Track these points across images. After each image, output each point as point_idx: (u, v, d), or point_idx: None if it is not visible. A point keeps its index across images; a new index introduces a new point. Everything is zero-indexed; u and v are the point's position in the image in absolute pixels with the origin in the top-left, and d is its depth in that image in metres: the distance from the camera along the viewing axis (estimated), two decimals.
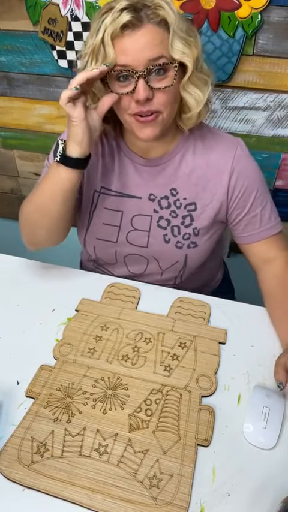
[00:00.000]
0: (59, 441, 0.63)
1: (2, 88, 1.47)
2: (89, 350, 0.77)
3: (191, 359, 0.76)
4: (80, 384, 0.71)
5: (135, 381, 0.72)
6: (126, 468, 0.61)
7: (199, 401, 0.69)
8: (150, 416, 0.67)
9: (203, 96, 0.76)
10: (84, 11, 1.22)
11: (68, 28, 1.26)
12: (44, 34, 1.29)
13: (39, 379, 0.72)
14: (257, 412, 0.67)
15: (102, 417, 0.67)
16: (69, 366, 0.74)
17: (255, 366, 0.75)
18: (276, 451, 0.63)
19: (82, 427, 0.65)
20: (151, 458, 0.62)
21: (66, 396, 0.69)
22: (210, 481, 0.60)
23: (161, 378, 0.73)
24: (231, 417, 0.68)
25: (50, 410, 0.67)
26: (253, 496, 0.58)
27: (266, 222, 0.88)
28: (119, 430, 0.65)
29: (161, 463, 0.61)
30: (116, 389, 0.71)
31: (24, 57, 1.37)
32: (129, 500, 0.57)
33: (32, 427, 0.65)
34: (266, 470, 0.61)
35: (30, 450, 0.62)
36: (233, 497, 0.58)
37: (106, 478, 0.60)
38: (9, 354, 0.77)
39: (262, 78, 1.19)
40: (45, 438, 0.64)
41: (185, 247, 0.90)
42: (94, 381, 0.72)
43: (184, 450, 0.63)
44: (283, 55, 1.14)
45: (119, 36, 0.68)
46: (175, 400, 0.69)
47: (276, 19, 1.09)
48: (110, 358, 0.76)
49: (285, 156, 1.32)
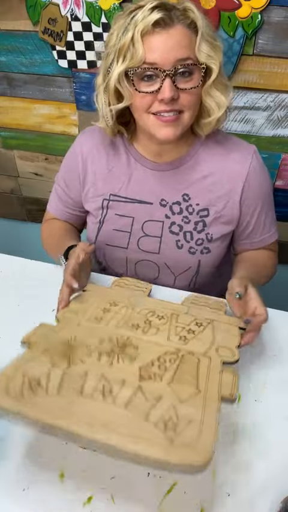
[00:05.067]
0: (55, 379, 0.55)
1: (2, 88, 1.47)
2: (95, 317, 0.71)
3: (209, 335, 0.70)
4: (84, 340, 0.64)
5: (147, 344, 0.65)
6: (136, 411, 0.51)
7: (220, 366, 0.62)
8: (165, 371, 0.59)
9: (226, 100, 0.76)
10: (84, 11, 1.22)
11: (68, 28, 1.26)
12: (44, 34, 1.29)
13: (39, 331, 0.65)
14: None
15: (109, 366, 0.59)
16: (72, 327, 0.68)
17: (255, 366, 0.75)
18: (276, 451, 0.64)
19: (84, 371, 0.57)
20: (166, 403, 0.53)
21: (68, 348, 0.62)
22: (210, 481, 0.60)
23: (176, 344, 0.66)
24: (231, 417, 0.68)
25: (48, 356, 0.60)
26: (253, 496, 0.58)
27: (267, 230, 0.90)
28: (127, 377, 0.57)
29: (178, 410, 0.52)
30: (125, 348, 0.63)
31: (24, 57, 1.37)
32: (140, 437, 0.48)
33: (25, 367, 0.57)
34: (266, 470, 0.61)
35: (20, 385, 0.53)
36: (233, 497, 0.58)
37: (111, 417, 0.50)
38: (9, 353, 0.77)
39: (262, 78, 1.19)
40: (40, 376, 0.55)
41: (198, 253, 0.90)
42: (100, 339, 0.65)
43: (205, 401, 0.54)
44: (283, 55, 1.14)
45: (149, 33, 0.68)
46: (193, 362, 0.62)
47: (276, 19, 1.09)
48: (119, 325, 0.70)
49: (285, 156, 1.32)
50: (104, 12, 1.20)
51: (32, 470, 0.61)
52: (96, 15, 1.21)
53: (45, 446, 0.64)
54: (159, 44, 0.69)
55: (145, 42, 0.69)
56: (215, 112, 0.77)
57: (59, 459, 0.62)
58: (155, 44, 0.69)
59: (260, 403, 0.70)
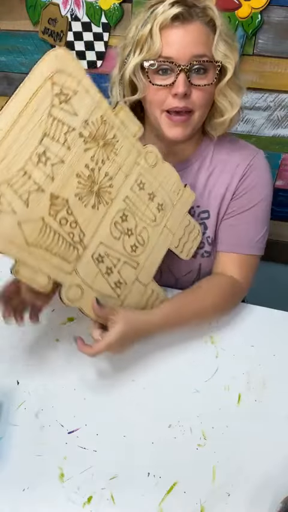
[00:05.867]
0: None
1: (2, 88, 1.47)
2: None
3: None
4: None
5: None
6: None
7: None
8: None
9: (239, 100, 0.76)
10: (84, 11, 1.22)
11: (68, 28, 1.26)
12: (44, 34, 1.28)
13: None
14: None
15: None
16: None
17: (255, 366, 0.75)
18: (276, 451, 0.64)
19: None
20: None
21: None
22: (210, 481, 0.60)
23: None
24: (231, 417, 0.68)
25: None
26: (253, 496, 0.58)
27: (248, 240, 0.84)
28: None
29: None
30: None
31: (25, 57, 1.36)
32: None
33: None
34: (266, 470, 0.61)
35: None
36: (233, 497, 0.58)
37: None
38: (9, 354, 0.77)
39: (262, 78, 1.19)
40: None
41: (199, 257, 0.89)
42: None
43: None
44: (283, 55, 1.14)
45: (168, 27, 0.69)
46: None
47: (276, 19, 1.09)
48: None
49: (285, 156, 1.32)
50: (104, 12, 1.20)
51: (32, 470, 0.61)
52: (96, 15, 1.21)
53: (45, 446, 0.64)
54: (176, 39, 0.69)
55: (163, 35, 0.69)
56: (228, 111, 0.77)
57: (59, 459, 0.62)
58: (172, 38, 0.69)
59: (260, 403, 0.70)
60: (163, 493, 0.59)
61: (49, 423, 0.66)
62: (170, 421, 0.67)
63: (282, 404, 0.70)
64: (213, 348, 0.79)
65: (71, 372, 0.74)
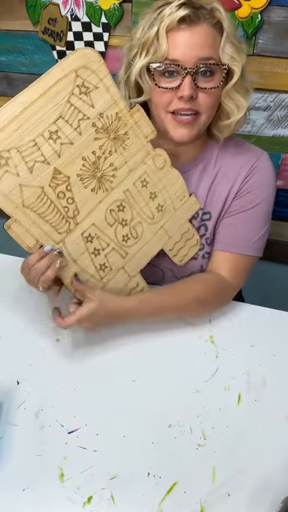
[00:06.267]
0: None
1: (2, 88, 1.47)
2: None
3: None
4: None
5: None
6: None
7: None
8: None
9: (245, 103, 0.76)
10: (84, 11, 1.22)
11: (68, 28, 1.26)
12: (44, 34, 1.29)
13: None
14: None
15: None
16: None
17: (255, 366, 0.75)
18: (276, 451, 0.64)
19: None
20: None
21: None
22: (210, 481, 0.60)
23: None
24: (231, 417, 0.68)
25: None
26: (253, 496, 0.58)
27: (244, 240, 0.84)
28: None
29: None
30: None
31: (25, 57, 1.36)
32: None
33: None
34: (266, 470, 0.61)
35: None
36: (233, 497, 0.58)
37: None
38: (9, 354, 0.77)
39: (262, 78, 1.19)
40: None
41: (200, 258, 0.89)
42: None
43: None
44: (283, 55, 1.14)
45: (174, 29, 0.69)
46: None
47: (276, 19, 1.09)
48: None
49: (285, 156, 1.32)
50: (104, 12, 1.20)
51: (32, 470, 0.61)
52: (96, 15, 1.21)
53: (45, 446, 0.64)
54: (183, 41, 0.69)
55: (169, 38, 0.69)
56: (235, 114, 0.77)
57: (59, 459, 0.62)
58: (178, 40, 0.69)
59: (260, 403, 0.70)
60: (163, 493, 0.59)
61: (49, 423, 0.66)
62: (170, 421, 0.67)
63: (282, 404, 0.70)
64: (213, 348, 0.79)
65: (71, 372, 0.74)
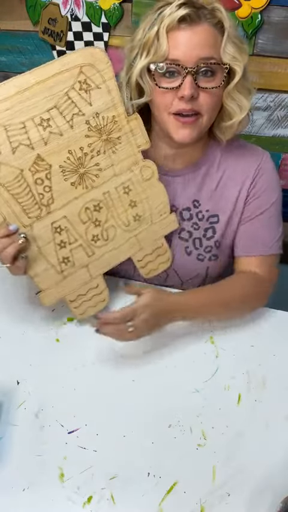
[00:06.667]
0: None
1: None
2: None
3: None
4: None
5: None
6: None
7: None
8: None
9: (248, 103, 0.76)
10: (84, 11, 1.22)
11: (68, 28, 1.26)
12: (44, 34, 1.29)
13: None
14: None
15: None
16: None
17: (255, 366, 0.75)
18: (276, 451, 0.64)
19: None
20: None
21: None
22: (210, 481, 0.60)
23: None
24: (231, 417, 0.68)
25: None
26: (253, 496, 0.58)
27: (260, 240, 0.85)
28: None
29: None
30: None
31: (25, 57, 1.37)
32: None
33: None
34: (266, 470, 0.61)
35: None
36: (233, 497, 0.58)
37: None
38: (9, 354, 0.77)
39: (262, 78, 1.19)
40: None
41: (206, 260, 0.88)
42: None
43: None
44: (283, 55, 1.15)
45: (175, 29, 0.68)
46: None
47: (276, 19, 1.10)
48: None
49: (285, 156, 1.33)
50: (104, 12, 1.20)
51: (32, 470, 0.61)
52: (96, 15, 1.21)
53: (45, 446, 0.64)
54: (183, 41, 0.69)
55: (170, 38, 0.69)
56: (237, 115, 0.76)
57: (59, 459, 0.62)
58: (179, 40, 0.69)
59: (260, 403, 0.70)
60: (163, 493, 0.59)
61: (49, 423, 0.66)
62: (170, 421, 0.67)
63: (282, 404, 0.70)
64: (213, 348, 0.79)
65: (71, 372, 0.74)
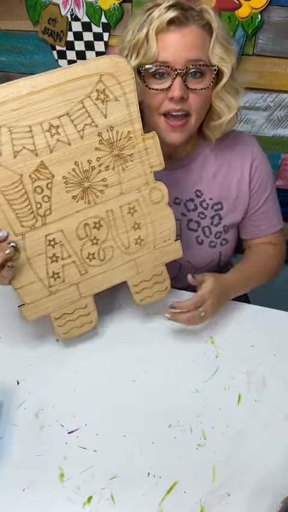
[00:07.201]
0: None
1: None
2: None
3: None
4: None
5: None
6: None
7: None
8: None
9: (236, 103, 0.77)
10: (84, 11, 1.22)
11: (68, 28, 1.26)
12: (44, 34, 1.29)
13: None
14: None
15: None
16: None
17: (255, 366, 0.75)
18: (276, 451, 0.64)
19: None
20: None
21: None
22: (210, 481, 0.60)
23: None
24: (231, 417, 0.68)
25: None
26: (253, 496, 0.58)
27: (272, 218, 0.92)
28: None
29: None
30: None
31: (24, 57, 1.37)
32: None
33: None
34: (266, 470, 0.61)
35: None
36: (233, 497, 0.58)
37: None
38: (9, 354, 0.77)
39: (262, 78, 1.20)
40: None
41: (218, 245, 0.92)
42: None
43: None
44: (283, 55, 1.15)
45: (164, 31, 0.69)
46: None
47: (276, 19, 1.10)
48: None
49: (285, 156, 1.33)
50: (104, 12, 1.20)
51: (32, 470, 0.61)
52: (96, 15, 1.21)
53: (45, 446, 0.64)
54: (172, 43, 0.70)
55: (159, 39, 0.70)
56: (226, 114, 0.78)
57: (59, 459, 0.62)
58: (168, 42, 0.70)
59: (260, 403, 0.70)
60: (163, 493, 0.59)
61: (49, 423, 0.66)
62: (170, 421, 0.67)
63: (282, 404, 0.70)
64: (213, 348, 0.79)
65: (71, 372, 0.74)
